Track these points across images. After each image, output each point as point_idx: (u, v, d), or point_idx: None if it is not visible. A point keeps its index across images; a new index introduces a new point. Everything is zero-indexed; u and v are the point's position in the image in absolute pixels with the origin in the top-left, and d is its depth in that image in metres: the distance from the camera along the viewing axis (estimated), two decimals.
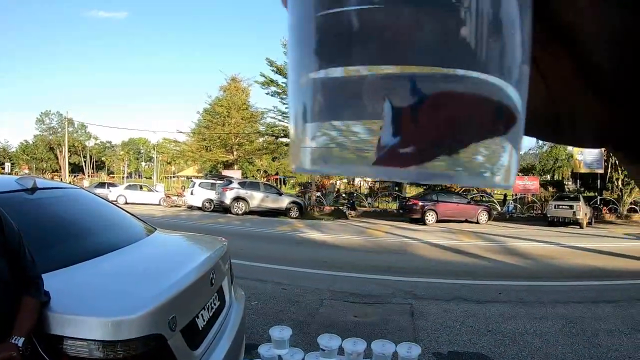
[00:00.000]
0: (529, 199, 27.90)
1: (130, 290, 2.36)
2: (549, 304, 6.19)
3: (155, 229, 3.72)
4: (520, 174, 34.79)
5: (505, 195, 29.71)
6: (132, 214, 3.92)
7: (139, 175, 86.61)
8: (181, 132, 52.39)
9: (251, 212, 22.05)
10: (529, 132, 0.29)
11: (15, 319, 1.79)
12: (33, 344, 1.78)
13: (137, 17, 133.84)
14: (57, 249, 2.60)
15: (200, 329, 2.53)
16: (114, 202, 4.04)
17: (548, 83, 0.29)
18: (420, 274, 7.86)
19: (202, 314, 2.58)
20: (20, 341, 1.73)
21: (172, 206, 27.81)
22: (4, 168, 58.50)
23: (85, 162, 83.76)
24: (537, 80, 0.28)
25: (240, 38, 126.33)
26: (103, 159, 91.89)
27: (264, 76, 35.18)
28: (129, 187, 31.63)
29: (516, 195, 27.56)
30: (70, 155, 69.28)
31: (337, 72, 0.22)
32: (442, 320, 5.43)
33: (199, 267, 2.74)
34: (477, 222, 21.37)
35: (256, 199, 22.29)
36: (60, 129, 76.13)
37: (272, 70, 34.54)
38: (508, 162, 0.23)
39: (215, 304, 2.86)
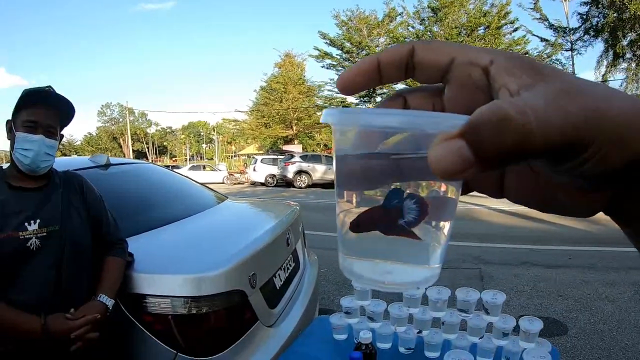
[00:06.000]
0: None
1: (211, 249, 2.42)
2: (620, 270, 5.89)
3: (227, 197, 3.80)
4: None
5: None
6: (202, 184, 4.00)
7: (201, 157, 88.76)
8: (240, 112, 53.02)
9: (314, 185, 22.13)
10: (525, 203, 0.34)
11: (99, 280, 1.85)
12: (115, 301, 1.85)
13: (185, 5, 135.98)
14: (134, 218, 2.68)
15: (278, 288, 2.57)
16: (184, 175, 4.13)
17: (538, 176, 0.32)
18: (488, 240, 7.67)
19: (279, 274, 2.62)
20: (110, 303, 1.79)
21: (235, 183, 28.34)
22: None
23: (148, 148, 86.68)
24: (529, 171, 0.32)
25: (290, 13, 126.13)
26: (165, 144, 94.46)
27: (317, 49, 34.93)
28: (193, 167, 32.45)
29: None
30: (133, 143, 72.03)
31: None
32: (512, 284, 5.30)
33: (275, 228, 2.78)
34: None
35: (318, 171, 22.26)
36: (121, 119, 78.89)
37: (326, 43, 34.28)
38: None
39: (290, 265, 2.90)
